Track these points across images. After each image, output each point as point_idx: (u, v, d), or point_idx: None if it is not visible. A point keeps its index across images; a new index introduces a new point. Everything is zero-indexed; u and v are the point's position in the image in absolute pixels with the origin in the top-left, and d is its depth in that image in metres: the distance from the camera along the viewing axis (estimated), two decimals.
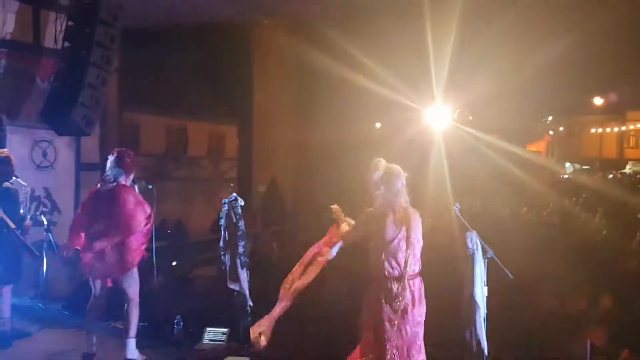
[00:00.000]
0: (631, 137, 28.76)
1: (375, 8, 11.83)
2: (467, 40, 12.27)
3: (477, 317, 3.89)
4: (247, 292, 5.05)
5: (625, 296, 6.07)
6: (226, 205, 4.82)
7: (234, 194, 4.77)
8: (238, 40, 13.67)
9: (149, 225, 4.50)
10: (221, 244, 4.97)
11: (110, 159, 4.58)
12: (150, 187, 5.02)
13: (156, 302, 5.93)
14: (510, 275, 3.90)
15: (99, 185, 4.57)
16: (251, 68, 14.00)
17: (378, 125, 19.36)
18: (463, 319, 3.99)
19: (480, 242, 3.72)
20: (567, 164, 23.42)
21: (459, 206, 3.90)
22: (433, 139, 14.34)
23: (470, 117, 15.07)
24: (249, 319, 4.82)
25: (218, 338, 5.35)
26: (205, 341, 5.33)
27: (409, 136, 14.91)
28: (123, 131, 11.28)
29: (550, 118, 26.62)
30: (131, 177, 4.60)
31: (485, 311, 3.65)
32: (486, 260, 3.78)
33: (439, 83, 13.54)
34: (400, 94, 14.01)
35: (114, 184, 4.44)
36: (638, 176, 21.97)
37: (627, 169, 24.88)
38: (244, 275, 4.89)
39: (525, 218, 10.79)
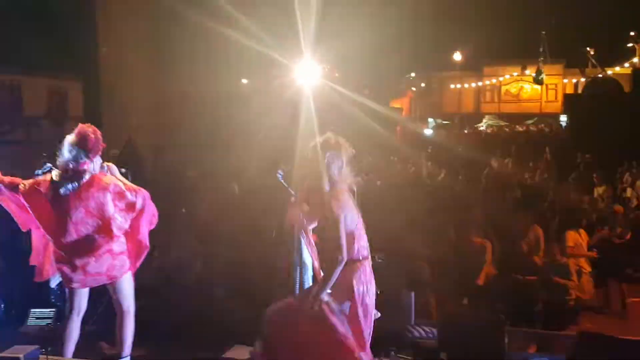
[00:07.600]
0: (487, 92, 31.42)
1: None
2: None
3: (304, 276, 4.21)
4: None
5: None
6: (40, 176, 4.54)
7: (49, 165, 4.50)
8: None
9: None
10: None
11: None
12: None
13: None
14: None
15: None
16: (94, 13, 12.94)
17: (245, 81, 19.18)
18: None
19: None
20: (430, 119, 25.15)
21: (281, 172, 4.03)
22: (302, 96, 14.48)
23: (337, 74, 15.45)
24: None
25: (45, 316, 5.33)
26: (31, 322, 5.28)
27: (277, 93, 14.92)
28: None
29: (412, 75, 28.19)
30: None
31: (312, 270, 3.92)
32: None
33: (307, 38, 13.58)
34: (268, 47, 13.87)
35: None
36: (490, 130, 24.35)
37: (483, 123, 27.45)
38: None
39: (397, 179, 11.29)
